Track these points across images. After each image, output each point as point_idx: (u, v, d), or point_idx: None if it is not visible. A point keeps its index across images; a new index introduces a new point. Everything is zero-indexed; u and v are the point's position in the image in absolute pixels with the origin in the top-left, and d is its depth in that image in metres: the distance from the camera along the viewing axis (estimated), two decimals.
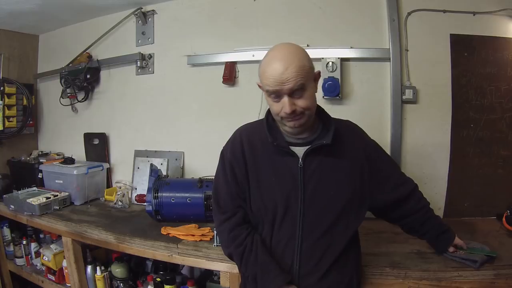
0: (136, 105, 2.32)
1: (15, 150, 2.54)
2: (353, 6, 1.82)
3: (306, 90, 1.02)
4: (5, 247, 2.31)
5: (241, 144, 1.17)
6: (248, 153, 1.16)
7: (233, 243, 1.14)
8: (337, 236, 1.10)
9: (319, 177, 1.10)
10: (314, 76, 1.07)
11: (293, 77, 0.99)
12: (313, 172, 1.10)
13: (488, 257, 1.26)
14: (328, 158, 1.12)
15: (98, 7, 2.24)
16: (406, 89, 1.73)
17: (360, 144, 1.18)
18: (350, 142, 1.16)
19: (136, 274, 1.96)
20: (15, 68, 2.56)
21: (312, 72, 1.05)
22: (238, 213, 1.16)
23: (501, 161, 1.73)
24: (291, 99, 1.02)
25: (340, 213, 1.10)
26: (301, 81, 1.00)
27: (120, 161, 2.41)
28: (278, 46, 1.05)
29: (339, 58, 1.78)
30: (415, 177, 1.75)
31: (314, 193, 1.10)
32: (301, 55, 1.03)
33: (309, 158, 1.11)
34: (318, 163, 1.11)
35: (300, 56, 1.02)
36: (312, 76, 1.05)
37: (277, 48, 1.05)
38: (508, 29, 1.69)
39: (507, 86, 1.70)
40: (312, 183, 1.10)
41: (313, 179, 1.10)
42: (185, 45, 2.13)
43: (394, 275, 1.25)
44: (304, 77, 1.00)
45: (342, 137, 1.14)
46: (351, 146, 1.16)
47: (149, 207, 1.75)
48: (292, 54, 1.01)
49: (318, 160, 1.11)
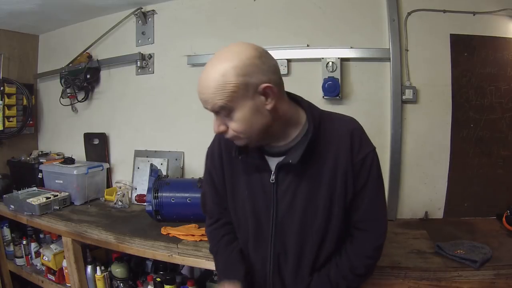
0: (136, 105, 2.32)
1: (15, 150, 2.54)
2: (353, 6, 1.81)
3: (235, 111, 0.84)
4: (5, 247, 2.30)
5: (219, 152, 1.07)
6: (225, 162, 1.05)
7: (212, 244, 1.14)
8: (313, 256, 0.98)
9: (293, 195, 0.95)
10: (255, 91, 0.83)
11: (210, 98, 0.83)
12: (287, 188, 0.95)
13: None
14: (306, 171, 0.94)
15: (98, 7, 2.23)
16: (406, 89, 1.73)
17: (350, 157, 0.94)
18: (339, 149, 0.94)
19: (136, 274, 1.96)
20: (15, 68, 2.56)
21: (247, 89, 0.82)
22: (222, 219, 1.13)
23: (501, 161, 1.73)
24: (221, 119, 0.88)
25: (315, 234, 0.96)
26: (220, 102, 0.82)
27: (120, 161, 2.41)
28: (212, 57, 0.87)
29: (339, 58, 1.78)
30: (415, 177, 1.78)
31: (288, 212, 0.96)
32: (226, 71, 0.81)
33: (283, 172, 0.95)
34: (293, 178, 0.95)
35: (222, 72, 0.81)
36: (245, 94, 0.83)
37: (210, 60, 0.87)
38: (508, 29, 1.69)
39: (507, 86, 1.70)
40: (285, 201, 0.95)
41: (286, 197, 0.95)
42: (185, 45, 2.13)
43: (394, 275, 1.25)
44: (225, 98, 0.82)
45: (328, 144, 0.94)
46: (337, 154, 0.93)
47: (149, 207, 1.75)
48: (212, 72, 0.83)
49: (293, 175, 0.94)
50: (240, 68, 0.81)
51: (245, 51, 0.84)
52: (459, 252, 1.30)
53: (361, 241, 0.98)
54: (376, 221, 0.99)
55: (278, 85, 0.88)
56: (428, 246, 1.42)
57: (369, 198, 0.97)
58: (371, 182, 0.96)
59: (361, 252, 0.98)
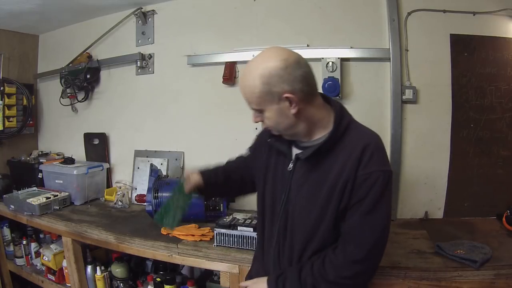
0: (136, 105, 2.32)
1: (15, 150, 2.54)
2: (353, 6, 1.82)
3: (265, 112, 0.99)
4: (5, 247, 2.31)
5: (263, 136, 1.21)
6: (265, 145, 1.18)
7: None
8: (302, 247, 1.05)
9: (302, 184, 1.04)
10: (279, 98, 0.95)
11: (245, 97, 1.00)
12: (300, 177, 1.05)
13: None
14: (319, 168, 1.02)
15: (98, 7, 2.23)
16: (406, 89, 1.73)
17: (356, 167, 0.96)
18: (348, 158, 0.97)
19: (136, 274, 1.96)
20: (15, 68, 2.56)
21: (270, 96, 0.95)
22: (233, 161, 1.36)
23: (501, 161, 1.73)
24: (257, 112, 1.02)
25: (308, 226, 1.03)
26: (253, 106, 0.99)
27: (120, 161, 2.41)
28: (258, 54, 1.00)
29: (339, 58, 1.78)
30: (415, 177, 1.78)
31: (294, 198, 1.06)
32: (254, 80, 0.94)
33: (300, 163, 1.06)
34: (305, 171, 1.04)
35: (252, 81, 0.95)
36: (270, 100, 0.95)
37: (255, 56, 1.00)
38: (508, 29, 1.69)
39: (507, 86, 1.70)
40: (296, 188, 1.06)
41: (297, 184, 1.06)
42: (185, 45, 2.13)
43: (394, 275, 1.25)
44: (255, 102, 0.97)
45: (343, 149, 0.99)
46: (346, 163, 0.97)
47: (149, 207, 1.75)
48: (245, 80, 0.99)
49: (306, 168, 1.04)
50: (266, 77, 0.94)
51: (273, 61, 0.94)
52: (459, 252, 1.30)
53: (339, 250, 0.99)
54: (360, 240, 0.97)
55: (304, 93, 0.96)
56: (428, 246, 1.42)
57: (361, 215, 0.96)
58: (369, 200, 0.95)
59: (335, 260, 0.98)
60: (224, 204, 1.74)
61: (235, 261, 1.42)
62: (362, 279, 1.02)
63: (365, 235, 0.97)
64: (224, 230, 1.48)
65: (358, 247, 0.97)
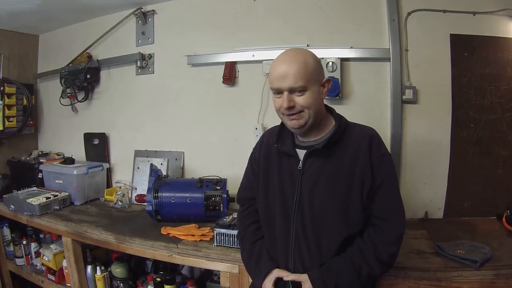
0: (136, 105, 2.32)
1: (15, 150, 2.54)
2: (353, 6, 1.81)
3: (308, 91, 1.05)
4: (5, 247, 2.31)
5: (260, 145, 1.28)
6: (263, 154, 1.24)
7: (240, 229, 1.33)
8: (329, 239, 1.10)
9: (316, 180, 1.11)
10: (320, 81, 1.09)
11: (293, 75, 1.03)
12: (311, 174, 1.12)
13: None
14: (330, 162, 1.11)
15: (98, 7, 2.24)
16: (406, 89, 1.73)
17: (369, 154, 1.09)
18: (359, 149, 1.10)
19: (136, 274, 1.96)
20: (15, 68, 2.56)
21: (318, 76, 1.08)
22: (251, 207, 1.31)
23: (501, 161, 1.73)
24: (291, 96, 1.06)
25: (332, 218, 1.09)
26: (301, 82, 1.03)
27: (120, 161, 2.41)
28: (288, 49, 1.12)
29: (339, 58, 1.78)
30: (415, 177, 1.78)
31: (308, 195, 1.11)
32: (307, 58, 1.06)
33: (310, 160, 1.12)
34: (318, 166, 1.12)
35: (304, 58, 1.05)
36: (316, 80, 1.07)
37: (286, 51, 1.11)
38: (508, 29, 1.69)
39: (507, 86, 1.70)
40: (308, 185, 1.11)
41: (310, 181, 1.11)
42: (185, 45, 2.13)
43: (394, 275, 1.25)
44: (305, 78, 1.04)
45: (350, 143, 1.11)
46: (357, 153, 1.09)
47: (149, 207, 1.75)
48: (296, 56, 1.06)
49: (319, 163, 1.12)
50: (316, 60, 1.09)
51: (310, 53, 1.10)
52: (459, 252, 1.30)
53: (384, 229, 1.09)
54: (396, 212, 1.11)
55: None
56: (428, 246, 1.42)
57: (389, 192, 1.10)
58: (389, 178, 1.11)
59: (384, 239, 1.08)
60: (224, 204, 1.75)
61: (235, 261, 1.42)
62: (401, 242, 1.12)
63: (398, 207, 1.12)
64: (224, 230, 1.48)
65: (398, 218, 1.11)
